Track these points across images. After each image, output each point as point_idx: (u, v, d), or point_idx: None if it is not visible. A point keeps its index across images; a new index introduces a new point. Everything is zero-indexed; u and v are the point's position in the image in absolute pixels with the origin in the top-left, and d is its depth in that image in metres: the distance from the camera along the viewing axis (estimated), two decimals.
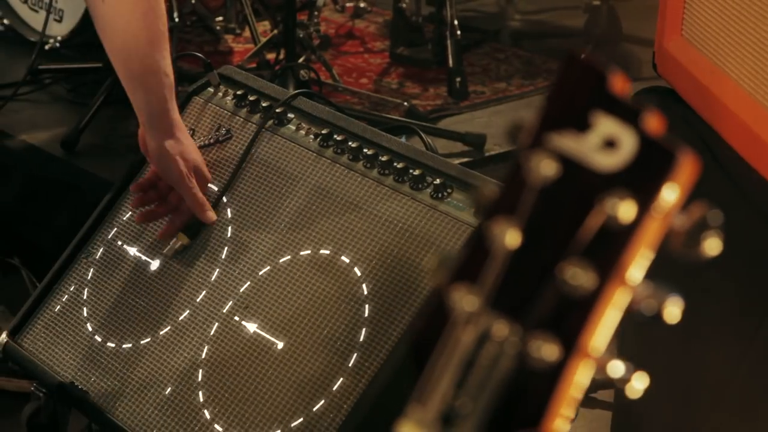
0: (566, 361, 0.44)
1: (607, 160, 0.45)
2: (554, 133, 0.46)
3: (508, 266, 0.46)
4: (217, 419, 1.46)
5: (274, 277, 1.52)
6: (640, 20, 2.99)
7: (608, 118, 0.45)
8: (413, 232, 1.46)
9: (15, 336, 1.69)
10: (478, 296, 0.46)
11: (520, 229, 0.46)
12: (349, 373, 1.40)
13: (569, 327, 0.45)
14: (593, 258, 0.45)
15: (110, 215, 1.73)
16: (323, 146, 1.61)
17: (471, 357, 0.46)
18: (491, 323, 0.46)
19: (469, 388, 0.45)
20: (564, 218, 0.45)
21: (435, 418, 0.46)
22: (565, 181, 0.45)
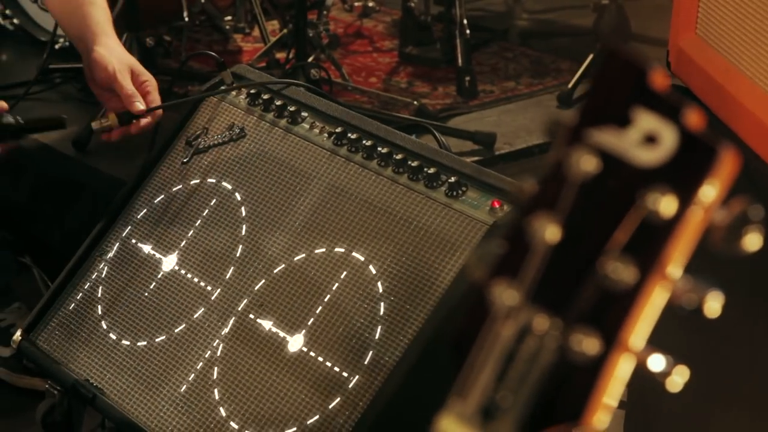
0: (607, 355, 0.45)
1: (647, 156, 0.46)
2: (594, 129, 0.46)
3: (548, 261, 0.46)
4: (232, 417, 1.46)
5: (289, 274, 1.53)
6: (648, 19, 2.99)
7: (649, 113, 0.45)
8: (428, 230, 1.46)
9: (29, 334, 1.70)
10: (519, 291, 0.46)
11: (560, 225, 0.46)
12: (365, 371, 1.40)
13: (610, 321, 0.45)
14: (634, 253, 0.45)
15: (124, 213, 1.73)
16: (337, 144, 1.61)
17: (511, 351, 0.46)
18: (531, 317, 0.46)
19: (510, 382, 0.46)
20: (604, 213, 0.46)
21: (475, 411, 0.46)
22: (605, 176, 0.46)
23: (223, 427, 1.46)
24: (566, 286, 0.46)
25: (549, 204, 0.46)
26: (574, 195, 0.46)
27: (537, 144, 2.44)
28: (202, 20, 2.99)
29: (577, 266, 0.46)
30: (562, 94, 2.65)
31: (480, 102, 2.65)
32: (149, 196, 1.73)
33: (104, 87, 1.66)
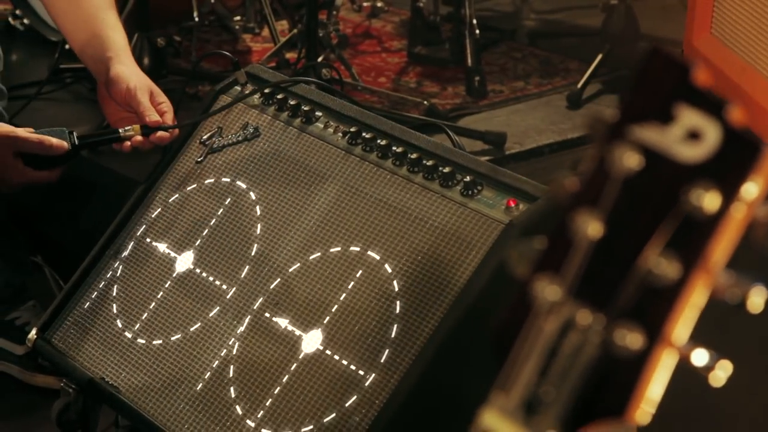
0: (650, 350, 0.45)
1: (690, 152, 0.46)
2: (637, 125, 0.47)
3: (590, 257, 0.47)
4: (248, 415, 1.47)
5: (305, 273, 1.53)
6: (656, 19, 2.99)
7: (692, 110, 0.46)
8: (443, 229, 1.46)
9: (44, 332, 1.70)
10: (561, 286, 0.47)
11: (602, 220, 0.47)
12: (381, 369, 1.41)
13: (653, 316, 0.45)
14: (677, 248, 0.46)
15: (138, 212, 1.74)
16: (352, 144, 1.61)
17: (554, 346, 0.47)
18: (574, 312, 0.47)
19: (553, 376, 0.46)
20: (647, 209, 0.46)
21: (518, 405, 0.47)
22: (648, 172, 0.46)
23: (239, 425, 1.47)
24: (609, 281, 0.46)
25: (591, 200, 0.47)
26: (616, 191, 0.46)
27: (547, 144, 2.45)
28: (211, 20, 2.99)
29: (620, 262, 0.46)
30: (571, 94, 2.66)
31: (489, 102, 2.65)
32: (164, 196, 1.73)
33: (122, 104, 1.70)
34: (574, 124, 2.55)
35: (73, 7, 1.78)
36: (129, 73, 1.70)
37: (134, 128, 1.69)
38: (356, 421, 1.39)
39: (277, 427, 1.44)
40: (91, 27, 1.73)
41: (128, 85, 1.68)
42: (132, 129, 1.69)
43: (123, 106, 1.71)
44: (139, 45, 2.48)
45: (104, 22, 1.73)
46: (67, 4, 1.79)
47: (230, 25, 2.95)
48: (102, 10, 1.75)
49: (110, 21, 1.74)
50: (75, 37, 1.78)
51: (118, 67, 1.69)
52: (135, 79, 1.70)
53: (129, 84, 1.68)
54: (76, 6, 1.77)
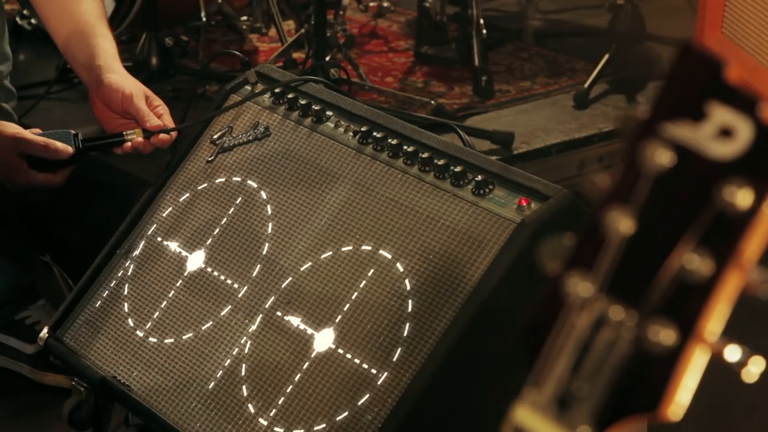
0: (684, 346, 0.46)
1: (723, 149, 0.46)
2: (669, 122, 0.47)
3: (622, 253, 0.47)
4: (261, 413, 1.47)
5: (316, 272, 1.54)
6: (662, 19, 3.00)
7: (724, 107, 0.46)
8: (455, 229, 1.47)
9: (56, 331, 1.71)
10: (593, 283, 0.47)
11: (634, 217, 0.47)
12: (393, 368, 1.41)
13: (686, 312, 0.46)
14: (710, 244, 0.46)
15: (149, 212, 1.74)
16: (363, 143, 1.62)
17: (586, 342, 0.47)
18: (607, 309, 0.47)
19: (585, 372, 0.46)
20: (679, 206, 0.46)
21: (551, 401, 0.47)
22: (679, 169, 0.47)
23: (251, 424, 1.47)
24: (641, 278, 0.47)
25: (623, 197, 0.47)
26: (648, 188, 0.47)
27: (554, 143, 2.45)
28: (218, 20, 3.00)
29: (652, 258, 0.46)
30: (578, 94, 2.66)
31: (496, 102, 2.66)
32: (174, 195, 1.74)
33: (119, 112, 1.71)
34: (581, 124, 2.55)
35: (64, 18, 1.78)
36: (122, 81, 1.71)
37: (137, 132, 1.70)
38: (368, 419, 1.39)
39: (289, 426, 1.44)
40: (82, 36, 1.74)
41: (124, 93, 1.69)
42: (134, 132, 1.70)
43: (120, 113, 1.72)
44: (148, 45, 2.48)
45: (95, 29, 1.74)
46: (58, 11, 1.79)
47: (237, 25, 2.96)
48: (93, 19, 1.76)
49: (101, 30, 1.75)
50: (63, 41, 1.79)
51: (111, 76, 1.70)
52: (129, 85, 1.70)
53: (124, 91, 1.69)
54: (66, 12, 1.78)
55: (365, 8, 3.13)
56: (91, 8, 1.75)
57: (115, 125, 1.74)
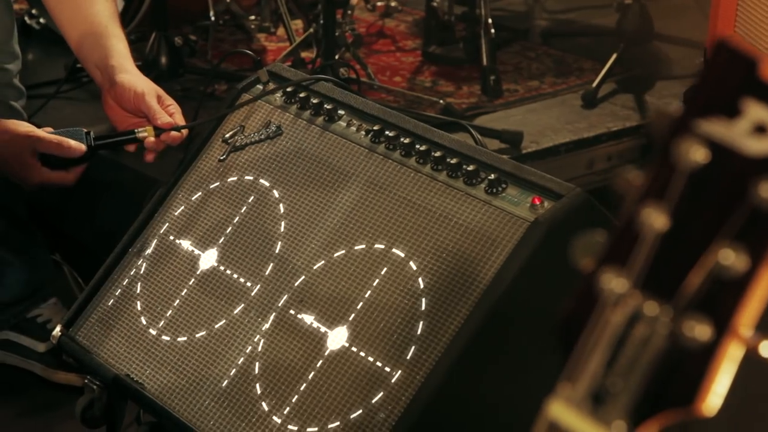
0: (719, 341, 0.46)
1: (758, 145, 0.47)
2: (703, 119, 0.47)
3: (657, 249, 0.47)
4: (274, 411, 1.47)
5: (329, 271, 1.54)
6: (669, 19, 3.00)
7: (759, 104, 0.47)
8: (468, 227, 1.47)
9: (68, 329, 1.71)
10: (628, 278, 0.48)
11: (669, 213, 0.47)
12: (407, 366, 1.41)
13: (721, 308, 0.46)
14: (745, 240, 0.46)
15: (162, 211, 1.75)
16: (375, 142, 1.62)
17: (621, 337, 0.47)
18: (641, 304, 0.47)
19: (620, 368, 0.47)
20: (714, 202, 0.47)
21: (585, 396, 0.47)
22: (714, 166, 0.47)
23: (265, 422, 1.48)
24: (676, 273, 0.47)
25: (658, 193, 0.48)
26: (683, 184, 0.47)
27: (563, 143, 2.46)
28: (226, 20, 3.00)
29: (687, 254, 0.47)
30: (586, 94, 2.67)
31: (505, 101, 2.66)
32: (186, 194, 1.74)
33: (131, 110, 1.71)
34: (590, 123, 2.56)
35: (77, 18, 1.79)
36: (135, 80, 1.71)
37: (147, 129, 1.71)
38: (382, 417, 1.40)
39: (303, 424, 1.45)
40: (95, 37, 1.75)
41: (136, 91, 1.70)
42: (145, 130, 1.71)
43: (132, 112, 1.73)
44: (157, 44, 2.49)
45: (107, 30, 1.75)
46: (71, 12, 1.80)
47: (245, 24, 2.96)
48: (105, 19, 1.76)
49: (113, 30, 1.76)
50: (77, 42, 1.79)
51: (123, 75, 1.71)
52: (141, 84, 1.71)
53: (137, 90, 1.70)
54: (79, 13, 1.78)
55: (372, 8, 3.14)
56: (104, 9, 1.75)
57: (127, 124, 1.74)
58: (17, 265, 1.98)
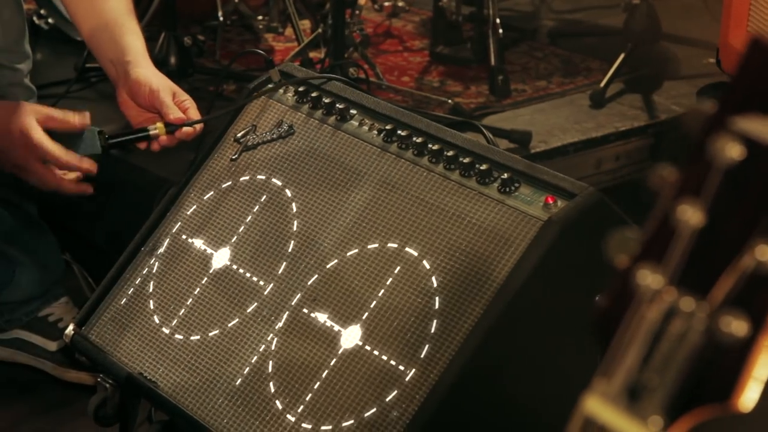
0: (755, 337, 0.46)
1: None
2: (739, 116, 0.48)
3: (693, 245, 0.48)
4: (288, 409, 1.48)
5: (342, 270, 1.54)
6: (677, 19, 3.00)
7: None
8: (481, 226, 1.48)
9: (81, 328, 1.72)
10: (664, 274, 0.48)
11: (704, 210, 0.48)
12: (421, 364, 1.42)
13: (758, 303, 0.46)
14: None
15: (174, 210, 1.75)
16: (387, 141, 1.63)
17: (657, 333, 0.48)
18: (677, 300, 0.48)
19: (656, 363, 0.47)
20: (750, 198, 0.47)
21: (621, 391, 0.48)
22: (750, 162, 0.47)
23: (279, 420, 1.48)
24: (712, 269, 0.47)
25: (693, 190, 0.48)
26: (718, 181, 0.47)
27: (572, 142, 2.46)
28: (233, 20, 3.01)
29: (723, 250, 0.47)
30: (594, 93, 2.67)
31: (513, 101, 2.67)
32: (198, 193, 1.75)
33: (146, 106, 1.72)
34: (598, 123, 2.56)
35: (92, 13, 1.79)
36: (150, 76, 1.72)
37: (159, 126, 1.70)
38: (396, 416, 1.40)
39: (317, 422, 1.45)
40: (110, 33, 1.75)
41: (151, 87, 1.70)
42: (157, 127, 1.70)
43: (147, 108, 1.73)
44: (166, 44, 2.49)
45: (123, 27, 1.75)
46: (85, 7, 1.80)
47: (253, 24, 2.96)
48: (122, 16, 1.77)
49: (129, 26, 1.76)
50: (92, 37, 1.80)
51: (139, 71, 1.71)
52: (156, 80, 1.72)
53: (152, 86, 1.70)
54: (94, 8, 1.79)
55: (380, 8, 3.14)
56: (119, 5, 1.76)
57: (141, 120, 1.75)
58: (29, 265, 1.99)
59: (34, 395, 1.95)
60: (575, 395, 1.54)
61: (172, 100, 1.72)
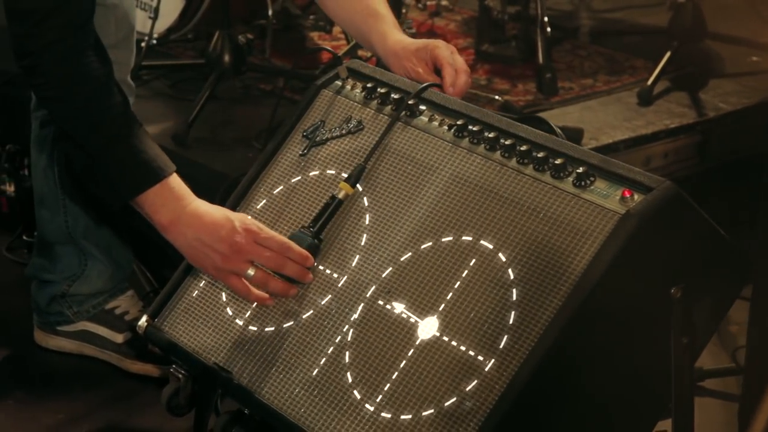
0: None
1: None
2: None
3: None
4: (367, 399, 1.50)
5: (417, 262, 1.57)
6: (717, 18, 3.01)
7: None
8: (557, 220, 1.50)
9: (154, 319, 1.75)
10: None
11: None
12: (500, 355, 1.44)
13: None
14: None
15: (243, 204, 1.78)
16: (458, 137, 1.65)
17: None
18: None
19: None
20: None
21: None
22: None
23: (356, 409, 1.50)
24: None
25: None
26: None
27: (622, 139, 2.48)
28: (279, 18, 3.04)
29: None
30: (642, 91, 2.69)
31: (561, 99, 2.69)
32: (268, 187, 1.77)
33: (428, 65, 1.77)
34: (647, 121, 2.58)
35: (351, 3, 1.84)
36: (409, 44, 1.77)
37: (342, 186, 1.64)
38: (477, 405, 1.42)
39: (396, 411, 1.47)
40: (369, 23, 1.81)
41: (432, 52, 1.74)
42: (342, 189, 1.64)
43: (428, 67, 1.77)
44: (221, 42, 2.52)
45: (378, 14, 1.80)
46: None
47: (299, 23, 2.99)
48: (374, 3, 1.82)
49: (380, 8, 1.81)
50: (344, 23, 1.87)
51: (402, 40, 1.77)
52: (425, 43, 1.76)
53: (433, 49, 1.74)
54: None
55: (423, 6, 3.17)
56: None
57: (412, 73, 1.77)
58: (102, 260, 2.02)
59: (101, 386, 1.98)
60: (649, 387, 1.54)
61: (426, 54, 1.76)
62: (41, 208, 2.01)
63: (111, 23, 1.89)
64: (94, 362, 2.03)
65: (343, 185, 1.66)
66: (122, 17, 1.91)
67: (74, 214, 1.99)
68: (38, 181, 1.99)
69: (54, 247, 2.01)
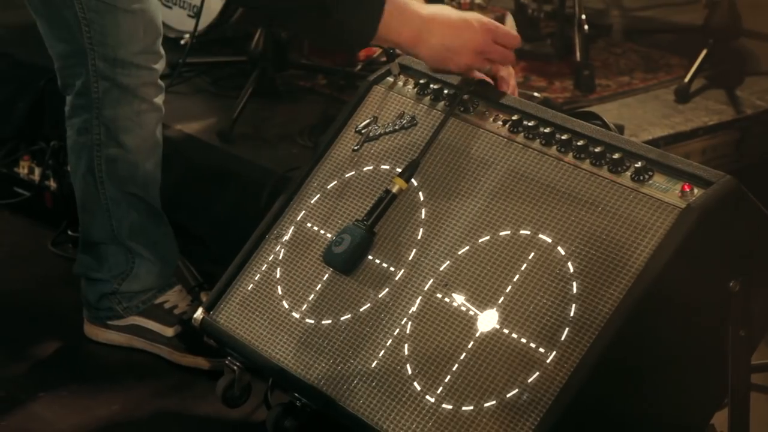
0: None
1: None
2: None
3: None
4: (427, 391, 1.52)
5: (474, 256, 1.58)
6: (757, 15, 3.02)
7: None
8: (616, 214, 1.51)
9: (209, 312, 1.77)
10: None
11: None
12: (561, 347, 1.45)
13: None
14: None
15: (297, 198, 1.80)
16: (513, 132, 1.66)
17: None
18: None
19: None
20: None
21: None
22: None
23: (417, 400, 1.52)
24: None
25: None
26: None
27: (662, 136, 2.49)
28: None
29: None
30: (679, 89, 2.70)
31: (599, 96, 2.70)
32: (322, 182, 1.79)
33: None
34: (686, 118, 2.59)
35: None
36: None
37: (396, 180, 1.65)
38: (538, 396, 1.44)
39: (457, 402, 1.49)
40: None
41: None
42: (396, 184, 1.65)
43: None
44: (263, 39, 2.54)
45: None
46: None
47: None
48: None
49: None
50: None
51: None
52: None
53: None
54: None
55: (458, 5, 3.17)
56: None
57: None
58: (149, 258, 2.04)
59: (152, 379, 2.00)
60: (705, 381, 1.55)
61: None
62: (83, 213, 2.04)
63: (140, 29, 1.92)
64: (144, 355, 2.06)
65: (397, 180, 1.68)
66: (149, 22, 1.94)
67: (119, 217, 2.01)
68: (79, 187, 2.02)
69: (99, 247, 2.03)
